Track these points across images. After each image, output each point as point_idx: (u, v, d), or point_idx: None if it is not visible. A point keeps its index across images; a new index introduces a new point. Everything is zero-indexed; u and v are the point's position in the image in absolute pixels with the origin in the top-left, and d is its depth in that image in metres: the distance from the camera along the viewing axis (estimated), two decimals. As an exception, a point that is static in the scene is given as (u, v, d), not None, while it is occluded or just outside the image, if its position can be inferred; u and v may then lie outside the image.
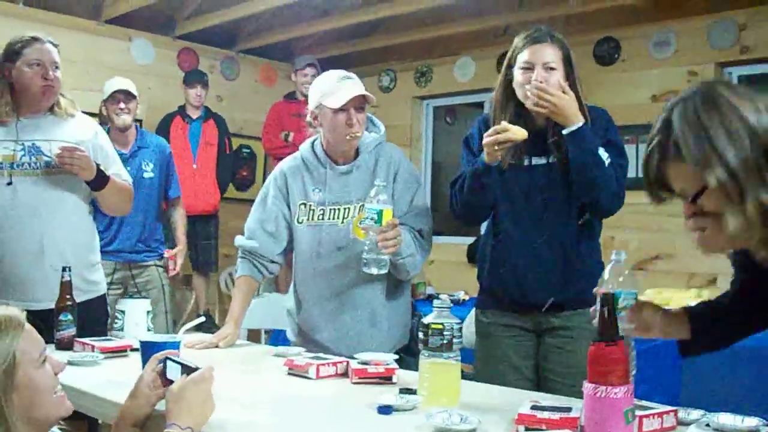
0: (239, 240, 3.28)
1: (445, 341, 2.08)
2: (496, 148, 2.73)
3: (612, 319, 1.68)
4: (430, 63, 7.67)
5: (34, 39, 3.30)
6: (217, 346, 3.07)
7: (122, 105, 4.96)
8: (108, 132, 4.01)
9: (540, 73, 2.82)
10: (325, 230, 3.10)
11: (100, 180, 3.31)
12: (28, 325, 1.71)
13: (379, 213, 2.74)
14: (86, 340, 2.92)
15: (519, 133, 2.72)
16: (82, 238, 3.40)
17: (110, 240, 4.81)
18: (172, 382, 1.91)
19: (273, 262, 3.25)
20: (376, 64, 8.11)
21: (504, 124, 2.74)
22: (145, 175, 5.01)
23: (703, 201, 1.70)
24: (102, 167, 3.33)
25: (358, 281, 3.05)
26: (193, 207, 6.44)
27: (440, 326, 2.09)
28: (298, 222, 3.17)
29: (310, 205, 3.14)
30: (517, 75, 2.88)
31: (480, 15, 6.74)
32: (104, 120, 6.03)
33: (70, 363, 2.60)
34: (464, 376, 2.22)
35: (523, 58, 2.86)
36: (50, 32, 6.07)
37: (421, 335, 2.12)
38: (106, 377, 2.44)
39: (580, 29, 6.63)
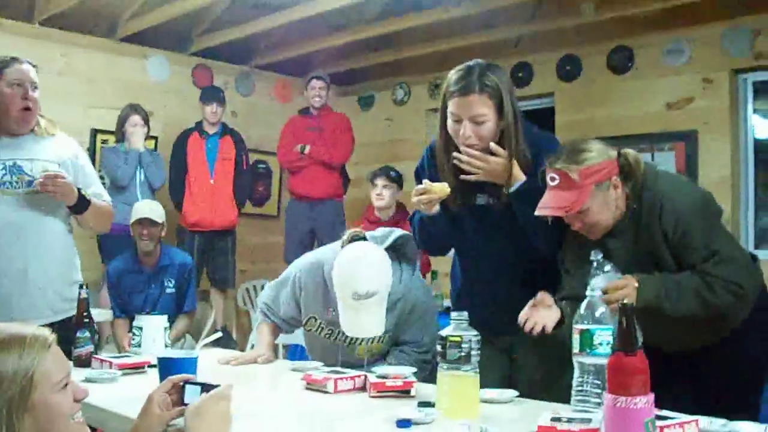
0: (261, 305, 3.29)
1: (463, 354, 2.08)
2: (423, 207, 2.71)
3: (631, 329, 1.67)
4: (444, 75, 7.64)
5: (14, 59, 3.29)
6: (255, 362, 3.06)
7: (145, 232, 5.03)
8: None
9: (468, 128, 2.66)
10: (329, 345, 3.09)
11: (81, 204, 3.30)
12: (55, 347, 1.69)
13: None
14: (104, 356, 2.93)
15: (441, 190, 2.67)
16: (63, 256, 3.38)
17: None
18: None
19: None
20: (390, 78, 8.13)
21: (426, 183, 2.68)
22: (168, 291, 5.17)
23: None
24: (82, 187, 3.33)
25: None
26: (210, 223, 6.48)
27: (458, 339, 2.09)
28: (306, 328, 3.16)
29: (320, 323, 3.09)
30: (449, 122, 2.73)
31: (493, 27, 6.74)
32: (120, 138, 6.12)
33: (87, 380, 2.63)
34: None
35: (451, 108, 2.70)
36: (66, 51, 6.18)
37: (439, 348, 2.11)
38: (124, 394, 2.44)
39: (593, 38, 6.64)
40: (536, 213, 2.53)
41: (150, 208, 5.23)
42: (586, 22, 6.40)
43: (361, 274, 2.75)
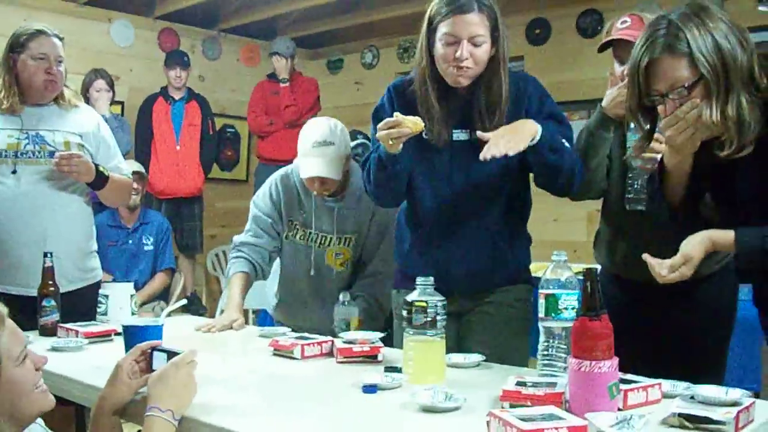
0: (237, 238, 3.38)
1: (428, 319, 2.07)
2: (391, 142, 2.50)
3: (596, 294, 1.67)
4: (413, 38, 7.59)
5: (40, 32, 3.30)
6: (231, 328, 3.07)
7: (135, 186, 5.28)
8: None
9: (466, 49, 2.50)
10: (303, 251, 3.30)
11: (100, 181, 3.34)
12: (9, 322, 1.67)
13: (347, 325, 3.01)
14: (70, 325, 2.90)
15: (414, 126, 2.46)
16: (81, 226, 3.42)
17: None
18: None
19: (270, 258, 3.35)
20: (359, 41, 8.08)
21: (397, 116, 2.47)
22: (146, 248, 5.51)
23: (693, 92, 1.95)
24: (102, 161, 3.38)
25: (325, 309, 3.19)
26: (177, 189, 6.45)
27: (424, 304, 2.08)
28: (287, 238, 3.33)
29: (296, 225, 3.30)
30: (439, 47, 2.56)
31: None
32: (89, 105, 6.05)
33: (54, 349, 2.61)
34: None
35: (445, 29, 2.52)
36: (29, 15, 6.06)
37: (404, 313, 2.11)
38: (90, 363, 2.42)
39: (562, 2, 6.62)
40: (606, 39, 2.79)
41: (138, 165, 5.67)
42: (556, -15, 6.39)
43: (321, 128, 3.16)
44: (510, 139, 2.41)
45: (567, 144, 2.58)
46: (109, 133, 3.55)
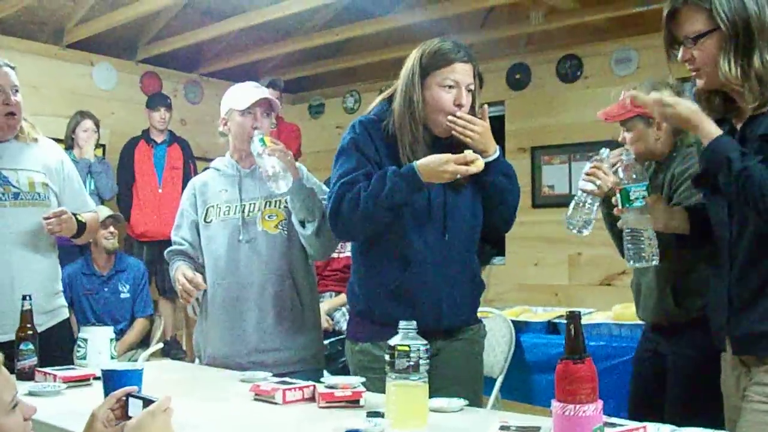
0: (167, 250, 3.35)
1: (411, 363, 2.06)
2: (448, 177, 2.54)
3: (579, 337, 1.67)
4: (394, 83, 7.65)
5: None
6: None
7: (111, 230, 5.38)
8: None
9: (465, 96, 2.65)
10: (232, 224, 3.19)
11: (79, 230, 3.31)
12: (2, 369, 1.65)
13: (262, 139, 3.02)
14: (48, 369, 2.87)
15: (482, 165, 2.57)
16: (48, 267, 3.36)
17: None
18: None
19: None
20: (341, 86, 8.13)
21: (469, 153, 2.55)
22: (122, 296, 5.39)
23: (706, 43, 2.08)
24: (69, 200, 3.35)
25: (266, 274, 3.13)
26: (158, 232, 6.40)
27: (407, 348, 2.07)
28: (206, 221, 3.25)
29: (217, 204, 3.24)
30: (437, 93, 2.65)
31: (443, 34, 6.74)
32: (70, 145, 6.04)
33: (31, 394, 2.57)
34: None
35: (446, 75, 2.64)
36: (10, 57, 6.00)
37: (387, 357, 2.09)
38: (68, 407, 2.39)
39: (542, 47, 6.71)
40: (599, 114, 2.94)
41: (109, 210, 5.64)
42: (536, 31, 6.46)
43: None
44: (483, 132, 2.65)
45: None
46: (73, 168, 3.48)
